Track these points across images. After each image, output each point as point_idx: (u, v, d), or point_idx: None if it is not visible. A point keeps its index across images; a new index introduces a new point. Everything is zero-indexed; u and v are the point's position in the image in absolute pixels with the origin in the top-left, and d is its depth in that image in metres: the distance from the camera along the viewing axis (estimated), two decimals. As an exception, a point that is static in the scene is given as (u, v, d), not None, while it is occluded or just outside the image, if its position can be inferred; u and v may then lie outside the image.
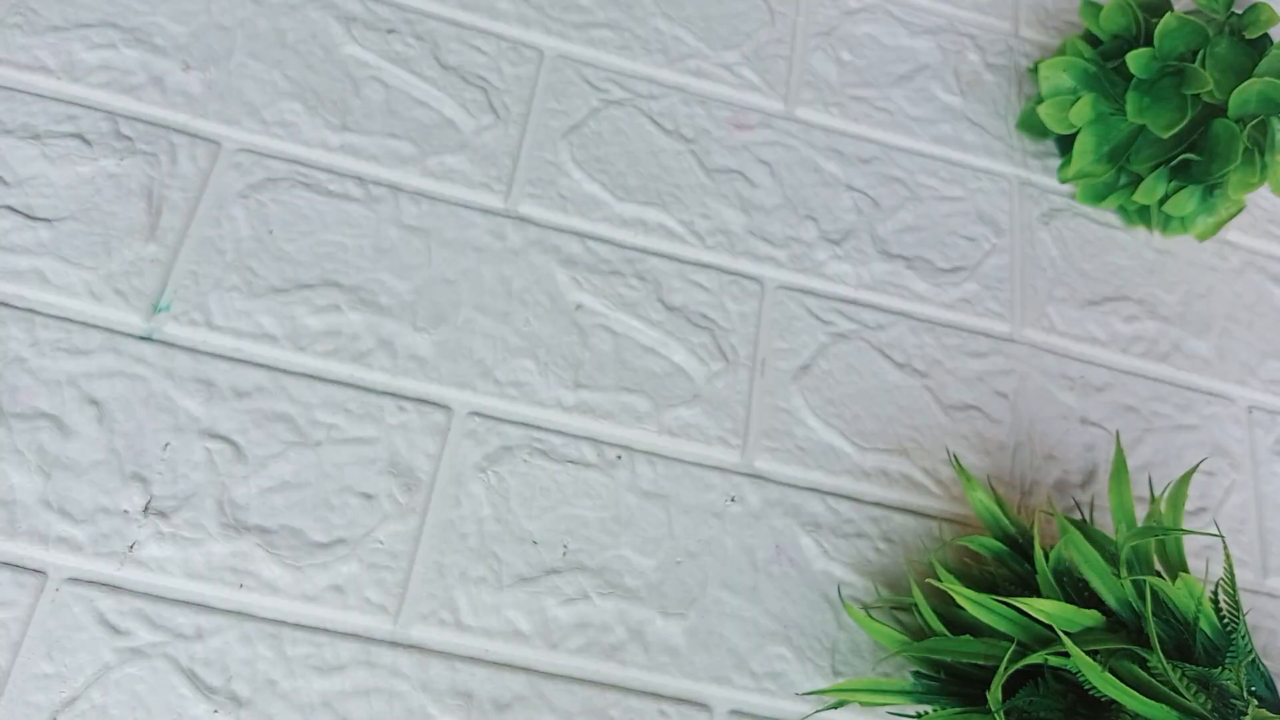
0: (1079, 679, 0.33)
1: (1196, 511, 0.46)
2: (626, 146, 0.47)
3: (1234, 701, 0.33)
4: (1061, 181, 0.52)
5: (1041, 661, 0.34)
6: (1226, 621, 0.35)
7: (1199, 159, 0.47)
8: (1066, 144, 0.52)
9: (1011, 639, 0.35)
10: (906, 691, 0.37)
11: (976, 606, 0.36)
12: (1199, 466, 0.45)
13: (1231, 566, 0.36)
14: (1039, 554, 0.36)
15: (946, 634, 0.37)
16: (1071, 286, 0.50)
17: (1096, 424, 0.47)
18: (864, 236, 0.49)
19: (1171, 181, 0.49)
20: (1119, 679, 0.33)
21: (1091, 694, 0.33)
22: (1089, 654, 0.32)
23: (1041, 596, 0.36)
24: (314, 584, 0.37)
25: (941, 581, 0.37)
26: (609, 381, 0.42)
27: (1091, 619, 0.35)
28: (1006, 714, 0.34)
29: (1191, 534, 0.41)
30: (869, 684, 0.37)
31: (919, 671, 0.37)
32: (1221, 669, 0.33)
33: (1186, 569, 0.38)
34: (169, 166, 0.42)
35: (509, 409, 0.41)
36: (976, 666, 0.36)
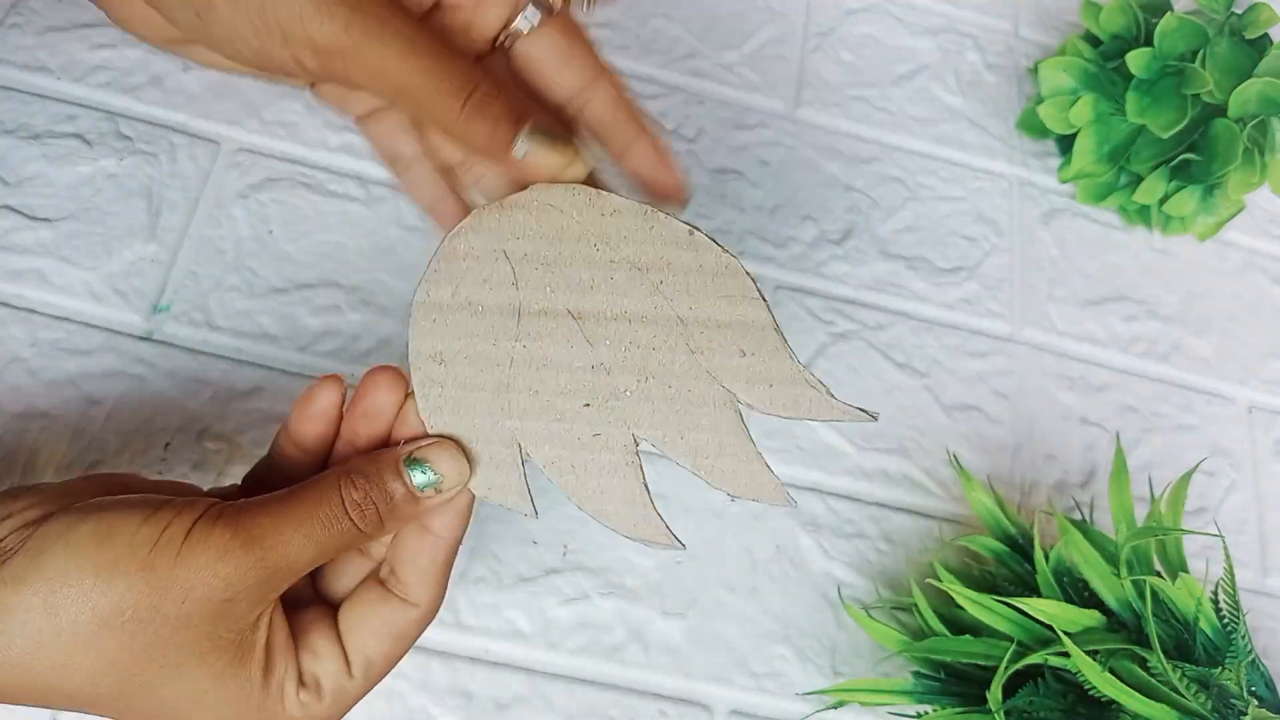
0: (1079, 679, 0.33)
1: (1196, 511, 0.46)
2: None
3: (1234, 701, 0.33)
4: (1061, 181, 0.52)
5: (1041, 661, 0.34)
6: (1226, 621, 0.35)
7: (1199, 159, 0.47)
8: (1066, 144, 0.52)
9: (1011, 639, 0.35)
10: (907, 691, 0.37)
11: (977, 606, 0.36)
12: (1199, 466, 0.45)
13: (1231, 566, 0.36)
14: (1039, 554, 0.36)
15: (946, 634, 0.37)
16: (1071, 286, 0.50)
17: (1096, 424, 0.47)
18: (864, 236, 0.49)
19: (1171, 181, 0.49)
20: (1119, 679, 0.33)
21: (1091, 694, 0.33)
22: (1089, 654, 0.32)
23: (1041, 596, 0.36)
24: (314, 584, 0.37)
25: (942, 581, 0.37)
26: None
27: (1091, 619, 0.35)
28: (1006, 714, 0.34)
29: (1191, 534, 0.41)
30: (869, 684, 0.37)
31: (919, 671, 0.37)
32: (1221, 669, 0.33)
33: (1186, 569, 0.38)
34: (169, 166, 0.42)
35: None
36: (977, 666, 0.36)
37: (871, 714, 0.39)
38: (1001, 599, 0.35)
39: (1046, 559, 0.36)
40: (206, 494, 0.28)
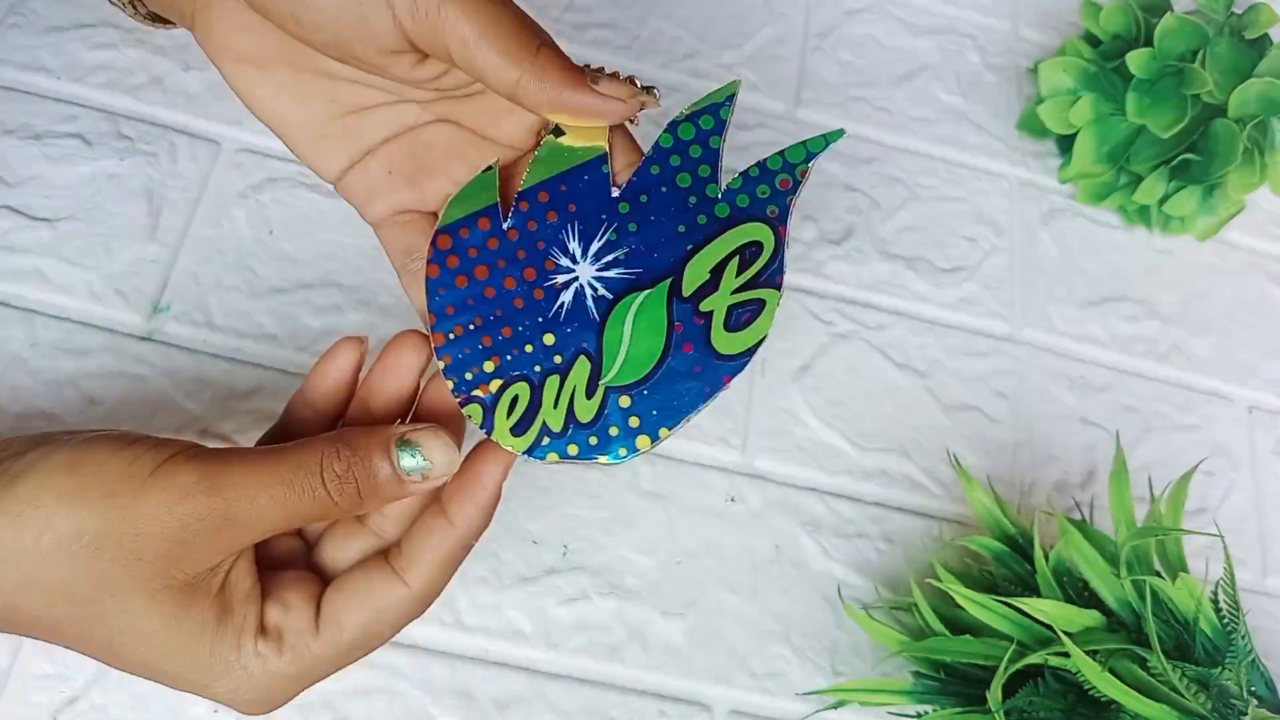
0: (1079, 679, 0.33)
1: (1196, 511, 0.46)
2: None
3: (1234, 701, 0.33)
4: (1061, 181, 0.52)
5: (1041, 661, 0.34)
6: (1226, 621, 0.35)
7: (1199, 159, 0.47)
8: (1066, 144, 0.52)
9: (1011, 639, 0.35)
10: (906, 691, 0.37)
11: (976, 606, 0.36)
12: (1199, 466, 0.45)
13: (1231, 566, 0.36)
14: (1039, 554, 0.36)
15: (946, 634, 0.37)
16: (1071, 286, 0.50)
17: (1096, 424, 0.47)
18: (864, 236, 0.49)
19: (1171, 181, 0.49)
20: (1119, 679, 0.33)
21: (1091, 694, 0.33)
22: (1089, 654, 0.33)
23: (1041, 597, 0.36)
24: (314, 584, 0.37)
25: (941, 581, 0.37)
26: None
27: (1091, 619, 0.35)
28: (1006, 714, 0.34)
29: (1191, 534, 0.41)
30: (869, 684, 0.38)
31: (919, 671, 0.37)
32: (1221, 669, 0.33)
33: (1186, 569, 0.38)
34: (169, 166, 0.42)
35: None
36: (976, 666, 0.36)
37: (871, 714, 0.39)
38: (1001, 599, 0.35)
39: (1046, 559, 0.36)
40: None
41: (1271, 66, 0.45)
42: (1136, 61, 0.47)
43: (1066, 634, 0.33)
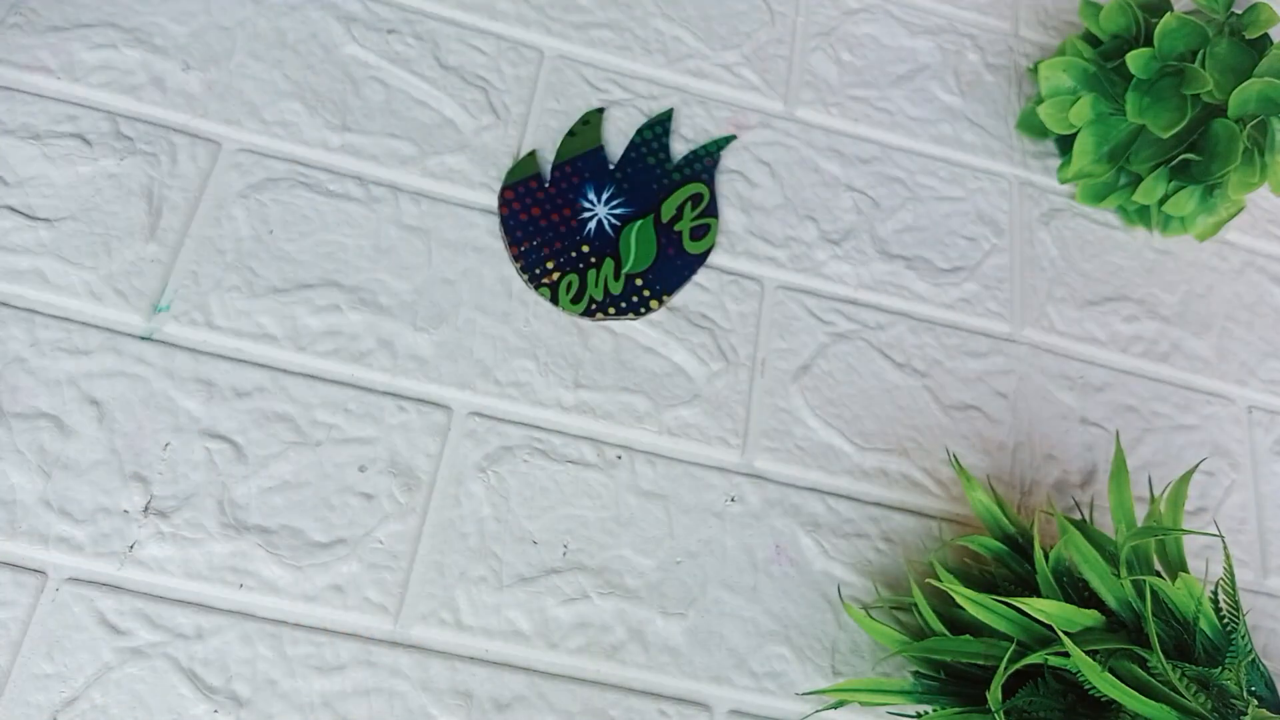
0: (1079, 679, 0.33)
1: (1196, 511, 0.46)
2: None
3: (1234, 701, 0.33)
4: (1061, 182, 0.52)
5: (1041, 661, 0.34)
6: (1226, 621, 0.35)
7: (1199, 159, 0.47)
8: (1066, 144, 0.52)
9: (1011, 639, 0.35)
10: (906, 691, 0.37)
11: (976, 606, 0.36)
12: (1199, 466, 0.45)
13: (1231, 566, 0.36)
14: (1039, 554, 0.36)
15: (946, 634, 0.37)
16: (1071, 286, 0.50)
17: (1096, 424, 0.47)
18: (864, 236, 0.49)
19: (1171, 181, 0.49)
20: (1119, 679, 0.33)
21: (1091, 694, 0.33)
22: (1089, 654, 0.32)
23: (1041, 596, 0.36)
24: (314, 584, 0.37)
25: (941, 581, 0.37)
26: (609, 382, 0.42)
27: (1091, 619, 0.35)
28: (1006, 714, 0.34)
29: (1191, 534, 0.41)
30: (869, 684, 0.37)
31: (919, 671, 0.37)
32: (1221, 669, 0.33)
33: (1186, 569, 0.38)
34: (169, 166, 0.42)
35: (509, 409, 0.41)
36: (976, 666, 0.36)
37: (871, 714, 0.39)
38: (1001, 599, 0.35)
39: (1046, 559, 0.36)
40: None
41: (1271, 66, 0.45)
42: (1136, 61, 0.47)
43: (1066, 634, 0.33)
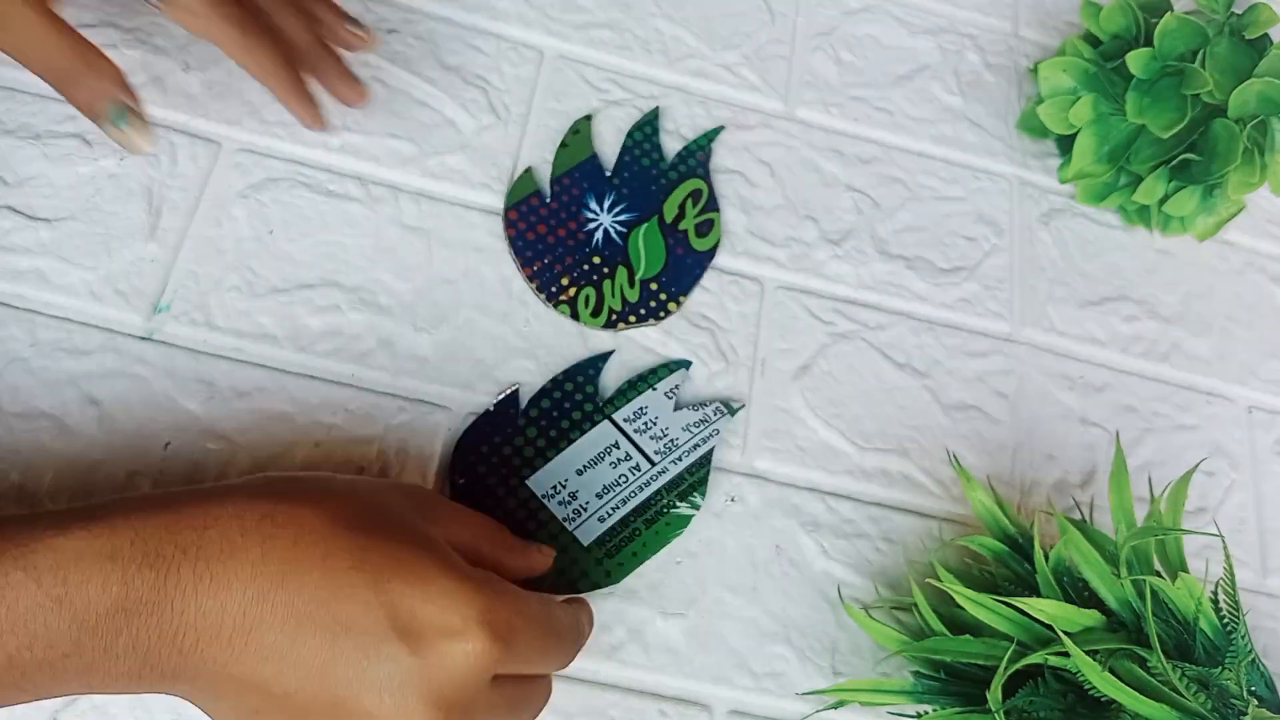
0: (1079, 679, 0.33)
1: (1196, 511, 0.46)
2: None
3: (1234, 701, 0.33)
4: (1061, 182, 0.52)
5: (1041, 661, 0.34)
6: (1226, 621, 0.35)
7: (1199, 159, 0.47)
8: (1066, 144, 0.52)
9: (1011, 639, 0.35)
10: (906, 691, 0.37)
11: (976, 606, 0.36)
12: (1199, 466, 0.45)
13: (1231, 566, 0.36)
14: (1039, 554, 0.36)
15: (946, 634, 0.37)
16: (1071, 286, 0.50)
17: (1096, 424, 0.47)
18: (864, 237, 0.49)
19: (1171, 182, 0.49)
20: (1119, 679, 0.33)
21: (1091, 694, 0.33)
22: (1089, 654, 0.33)
23: (1041, 596, 0.36)
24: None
25: (941, 581, 0.37)
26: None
27: (1091, 619, 0.35)
28: (1006, 713, 0.34)
29: (1191, 534, 0.42)
30: (869, 684, 0.38)
31: (919, 671, 0.37)
32: (1221, 669, 0.33)
33: (1186, 569, 0.38)
34: (169, 167, 0.42)
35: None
36: (976, 666, 0.36)
37: (871, 714, 0.39)
38: (1001, 599, 0.35)
39: (1046, 559, 0.36)
40: None
41: (1271, 66, 0.45)
42: (1136, 61, 0.47)
43: (1066, 634, 0.33)
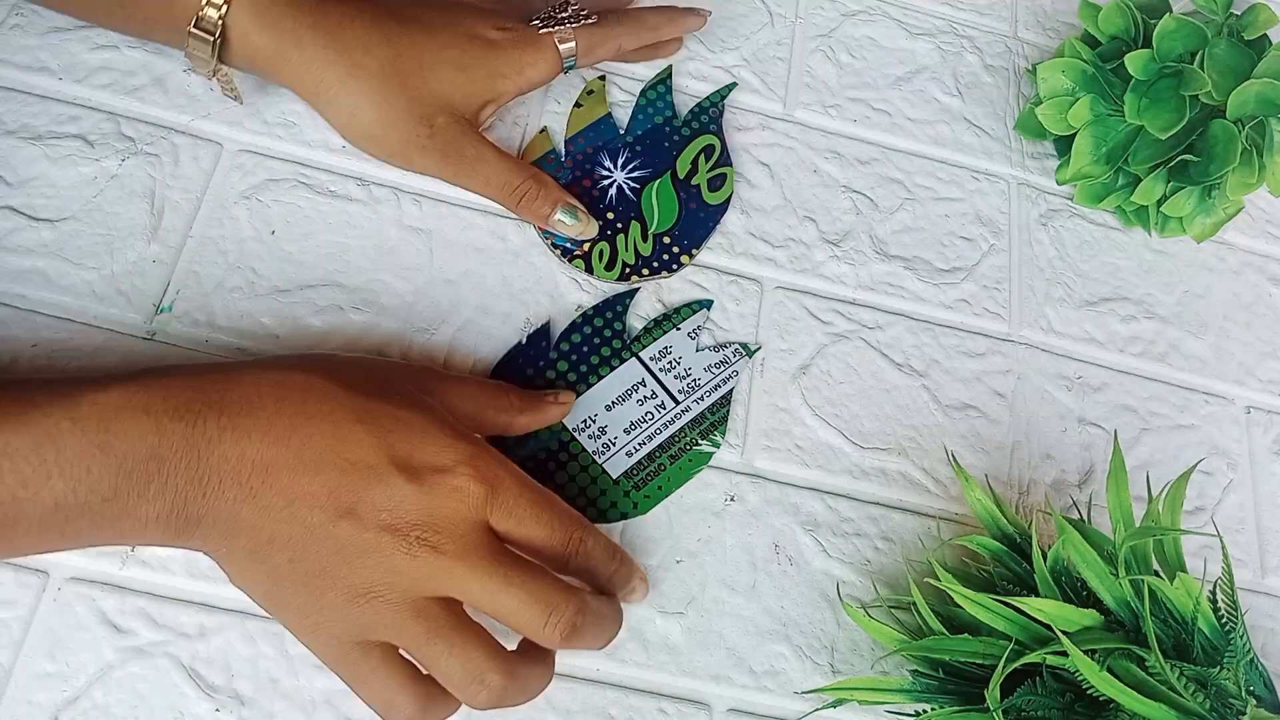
0: (1077, 678, 0.33)
1: (1194, 511, 0.46)
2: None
3: (1232, 701, 0.33)
4: (1060, 183, 0.52)
5: (1039, 661, 0.34)
6: (1225, 621, 0.35)
7: (1197, 160, 0.47)
8: (1065, 145, 0.52)
9: (1010, 638, 0.35)
10: (905, 690, 0.37)
11: (975, 605, 0.36)
12: (1197, 466, 0.46)
13: (1229, 566, 0.37)
14: (1037, 553, 0.37)
15: (945, 633, 0.37)
16: (1069, 287, 0.50)
17: (1094, 424, 0.47)
18: (863, 237, 0.49)
19: (1170, 182, 0.49)
20: (1117, 678, 0.33)
21: (1089, 693, 0.33)
22: (1087, 653, 0.33)
23: (1039, 596, 0.36)
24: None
25: (940, 581, 0.37)
26: (609, 381, 0.42)
27: (1089, 618, 0.35)
28: (1005, 712, 0.34)
29: (1189, 534, 0.42)
30: (868, 682, 0.38)
31: (917, 670, 0.37)
32: (1220, 668, 0.34)
33: (1184, 568, 0.38)
34: (171, 167, 0.42)
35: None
36: (975, 665, 0.36)
37: (870, 712, 0.39)
38: (999, 598, 0.35)
39: (1044, 558, 0.37)
40: None
41: (1270, 67, 0.45)
42: (1135, 63, 0.47)
43: (1065, 633, 0.33)
